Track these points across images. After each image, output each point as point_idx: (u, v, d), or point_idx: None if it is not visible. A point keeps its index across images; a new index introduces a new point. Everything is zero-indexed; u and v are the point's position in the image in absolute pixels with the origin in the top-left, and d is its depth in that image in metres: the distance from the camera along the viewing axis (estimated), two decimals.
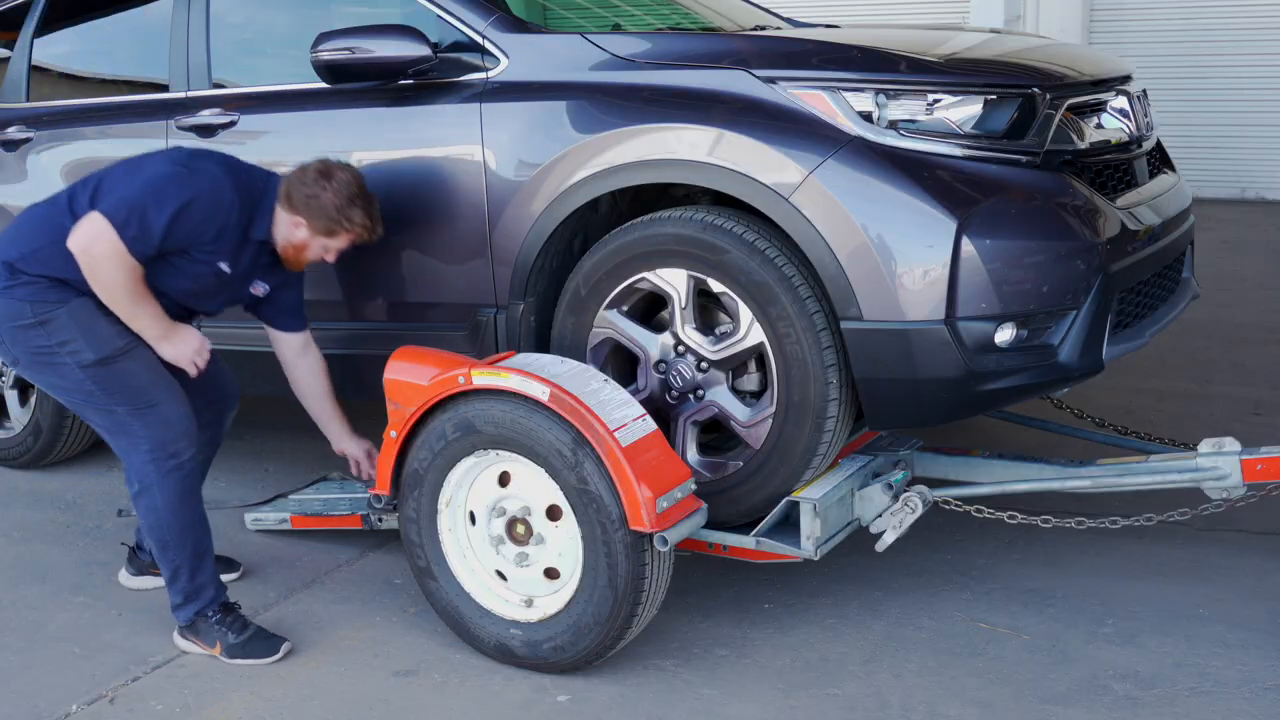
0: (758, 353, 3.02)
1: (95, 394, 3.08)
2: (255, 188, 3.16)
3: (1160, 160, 3.65)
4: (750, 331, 2.99)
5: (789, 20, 4.63)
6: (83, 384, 3.07)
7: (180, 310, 3.23)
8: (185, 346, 3.16)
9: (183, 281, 3.15)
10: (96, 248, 2.97)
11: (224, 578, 3.38)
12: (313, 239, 3.18)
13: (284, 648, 3.16)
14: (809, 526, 2.93)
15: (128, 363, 3.09)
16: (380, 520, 3.63)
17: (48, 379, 3.15)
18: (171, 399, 3.13)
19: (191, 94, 3.96)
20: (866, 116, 2.91)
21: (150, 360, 3.13)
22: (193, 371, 3.20)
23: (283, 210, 3.15)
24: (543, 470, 2.89)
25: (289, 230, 3.17)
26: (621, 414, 2.85)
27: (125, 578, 3.61)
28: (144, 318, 3.09)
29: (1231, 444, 2.98)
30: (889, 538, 3.03)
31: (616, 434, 2.79)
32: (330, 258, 3.24)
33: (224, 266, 3.14)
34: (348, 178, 3.16)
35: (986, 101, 2.94)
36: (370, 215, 3.17)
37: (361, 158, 3.54)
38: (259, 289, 3.31)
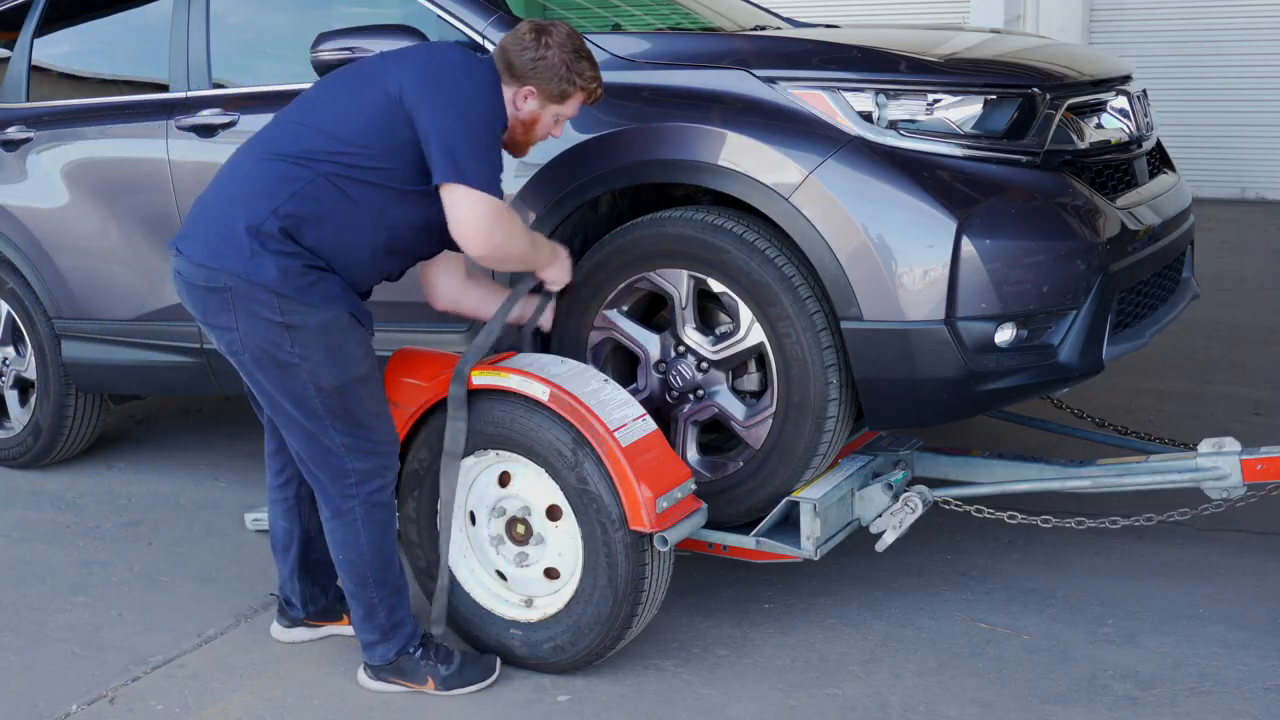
0: (758, 353, 3.02)
1: (317, 413, 2.76)
2: (489, 67, 2.83)
3: (1160, 160, 3.65)
4: (750, 331, 2.99)
5: (789, 20, 4.63)
6: (309, 401, 2.75)
7: (395, 263, 2.92)
8: (566, 266, 3.04)
9: (430, 219, 2.81)
10: (498, 234, 2.73)
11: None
12: (544, 108, 2.85)
13: (497, 664, 2.99)
14: (809, 526, 2.93)
15: (360, 389, 2.79)
16: None
17: (269, 380, 2.77)
18: (386, 427, 2.87)
19: (191, 94, 3.96)
20: (866, 116, 2.91)
21: (378, 384, 2.86)
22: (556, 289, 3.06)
23: (507, 85, 2.82)
24: (543, 470, 2.89)
25: (517, 106, 2.84)
26: (621, 414, 2.85)
27: (278, 630, 3.26)
28: (539, 251, 2.93)
29: (1231, 444, 2.98)
30: (889, 538, 3.03)
31: (616, 434, 2.79)
32: (558, 131, 2.94)
33: None
34: (565, 31, 2.85)
35: (986, 101, 2.94)
36: (596, 68, 2.87)
37: None
38: None
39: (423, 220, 2.81)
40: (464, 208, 2.70)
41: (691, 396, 3.12)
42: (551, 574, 2.98)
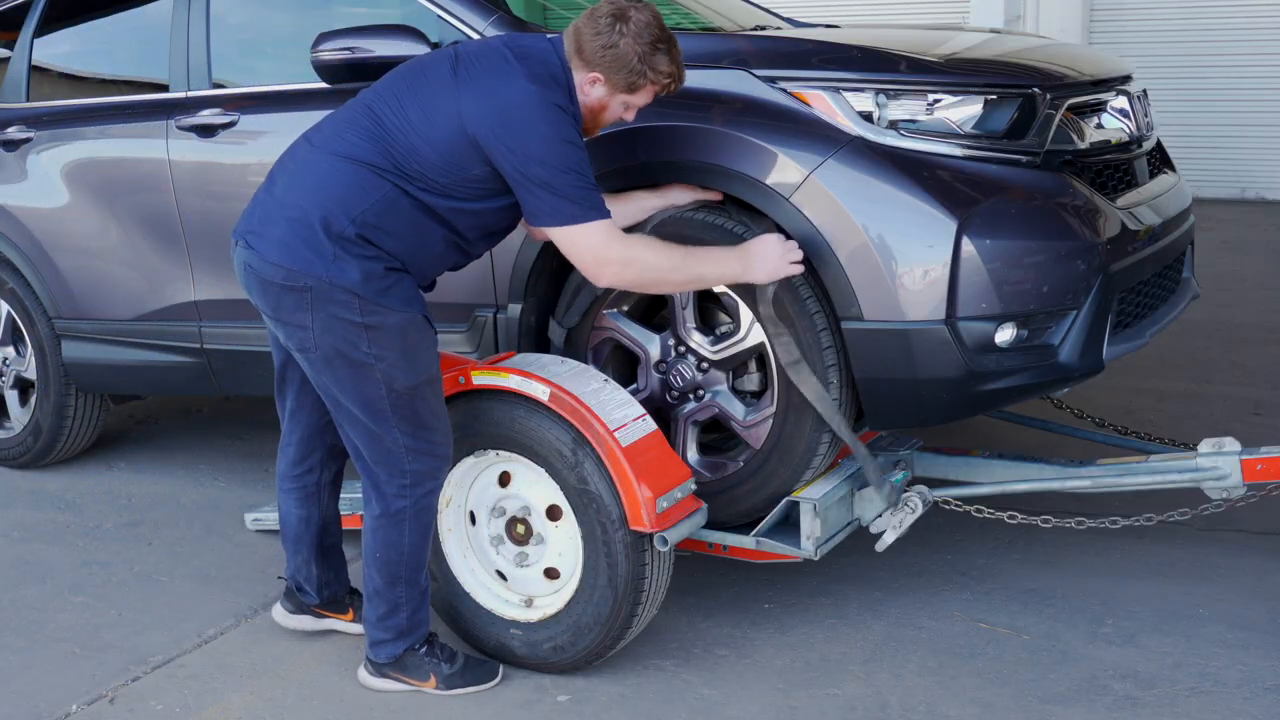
0: (758, 353, 3.02)
1: (384, 414, 2.73)
2: (554, 71, 2.71)
3: (1160, 160, 3.65)
4: (750, 331, 2.99)
5: (789, 20, 4.63)
6: (378, 401, 2.72)
7: (464, 258, 2.89)
8: (770, 256, 2.81)
9: (504, 220, 2.82)
10: (622, 255, 2.68)
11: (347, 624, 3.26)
12: (612, 97, 2.75)
13: (500, 670, 2.99)
14: (809, 526, 2.93)
15: (429, 390, 2.79)
16: None
17: (337, 379, 2.74)
18: (446, 430, 2.84)
19: (191, 94, 3.96)
20: (867, 116, 2.91)
21: (441, 387, 2.85)
22: (798, 269, 2.84)
23: (576, 69, 2.74)
24: (543, 470, 2.89)
25: (584, 91, 2.75)
26: (621, 414, 2.85)
27: (280, 615, 3.26)
28: (708, 264, 2.79)
29: (1231, 444, 2.98)
30: (889, 538, 3.03)
31: (616, 434, 2.79)
32: (629, 116, 2.83)
33: None
34: (646, 18, 2.71)
35: (986, 101, 2.94)
36: (675, 61, 2.75)
37: None
38: None
39: (497, 223, 2.85)
40: (578, 246, 2.68)
41: (692, 397, 3.12)
42: (551, 574, 2.99)
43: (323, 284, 2.65)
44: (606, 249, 2.68)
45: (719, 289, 3.00)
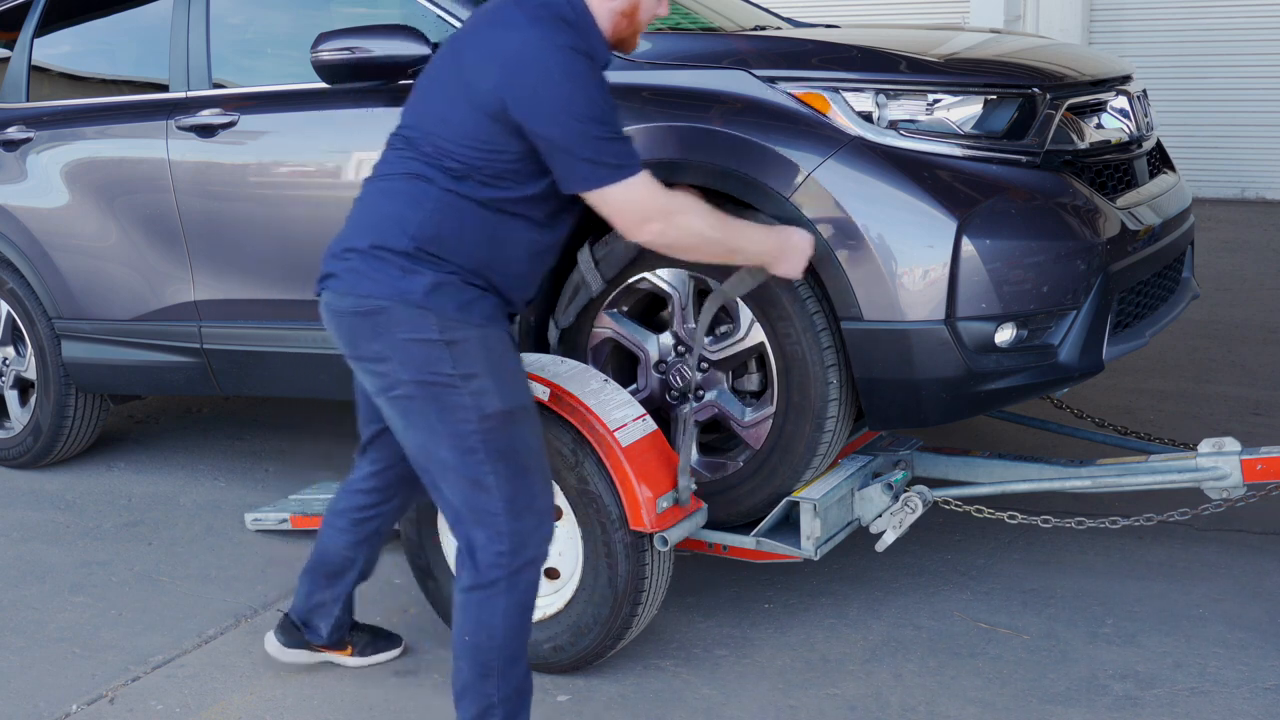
0: (758, 353, 3.02)
1: (476, 452, 2.40)
2: (559, 10, 2.45)
3: (1160, 160, 3.65)
4: (750, 331, 2.99)
5: (789, 20, 4.63)
6: (469, 436, 2.39)
7: (550, 247, 2.61)
8: (801, 251, 2.67)
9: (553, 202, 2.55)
10: (662, 207, 2.45)
11: (385, 656, 3.11)
12: None
13: None
14: (809, 526, 2.93)
15: (526, 420, 2.47)
16: None
17: (424, 417, 2.42)
18: (546, 480, 2.50)
19: (191, 94, 3.97)
20: (866, 116, 2.91)
21: (538, 425, 2.53)
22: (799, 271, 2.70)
23: None
24: None
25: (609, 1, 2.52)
26: (621, 414, 2.85)
27: (275, 647, 3.04)
28: (745, 240, 2.60)
29: (1231, 444, 2.98)
30: (889, 538, 3.03)
31: (616, 434, 2.79)
32: (663, 10, 2.64)
33: None
34: None
35: (986, 101, 2.94)
36: None
37: (362, 158, 3.55)
38: None
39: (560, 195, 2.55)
40: (614, 207, 2.44)
41: (691, 396, 3.12)
42: (551, 574, 2.98)
43: (396, 304, 2.40)
44: (648, 203, 2.45)
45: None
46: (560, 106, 2.36)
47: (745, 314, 2.98)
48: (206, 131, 3.85)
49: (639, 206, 2.45)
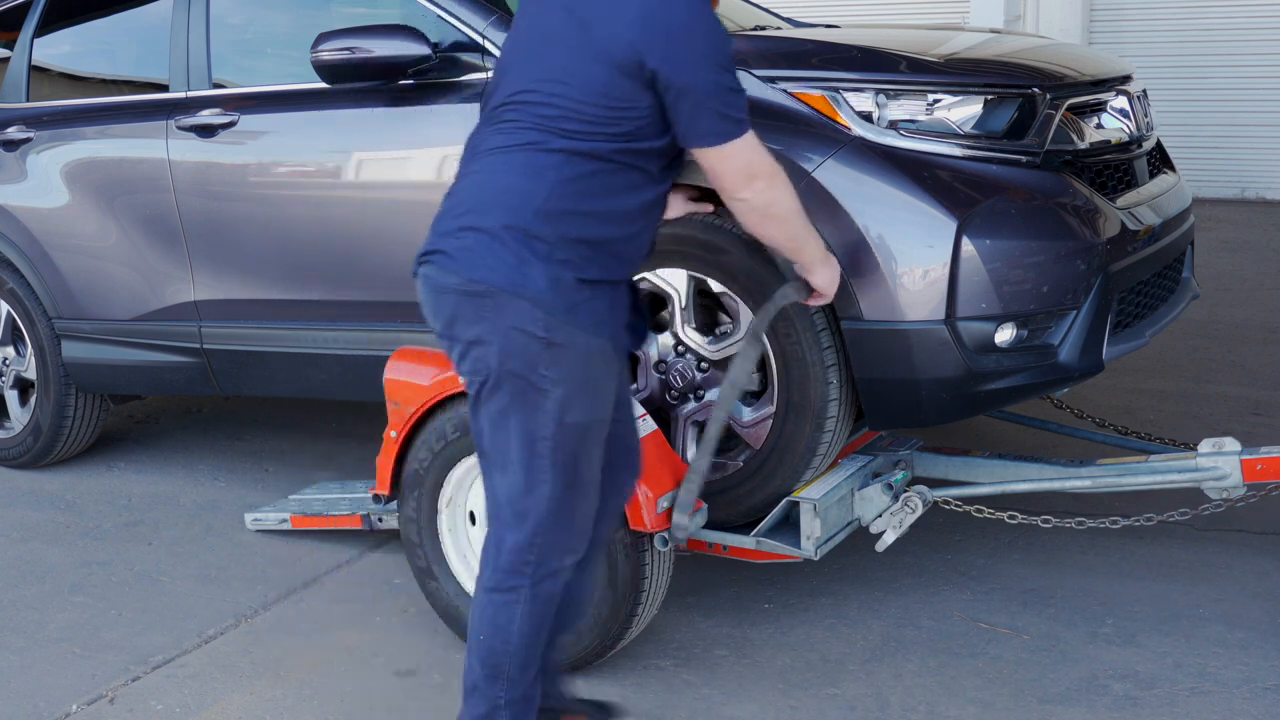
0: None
1: (542, 457, 2.34)
2: None
3: (1160, 160, 3.65)
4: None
5: (789, 20, 4.63)
6: (540, 441, 2.33)
7: (657, 204, 2.48)
8: (837, 272, 2.64)
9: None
10: (773, 174, 2.37)
11: None
12: None
13: None
14: (809, 526, 2.93)
15: (596, 435, 2.40)
16: (380, 520, 3.63)
17: (503, 405, 2.34)
18: (593, 499, 2.45)
19: (191, 94, 3.97)
20: (866, 116, 2.91)
21: (603, 442, 2.45)
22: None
23: None
24: None
25: None
26: None
27: None
28: (809, 229, 2.52)
29: (1231, 444, 2.98)
30: (889, 538, 3.03)
31: None
32: None
33: None
34: None
35: (986, 101, 2.94)
36: None
37: (362, 158, 3.55)
38: None
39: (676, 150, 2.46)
40: (732, 163, 2.36)
41: (691, 396, 3.12)
42: None
43: (505, 293, 2.29)
44: (758, 162, 2.37)
45: (718, 288, 3.00)
46: (701, 55, 2.29)
47: (745, 314, 2.98)
48: (206, 131, 3.85)
49: (750, 164, 2.37)
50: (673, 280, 3.07)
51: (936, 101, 2.93)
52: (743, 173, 2.37)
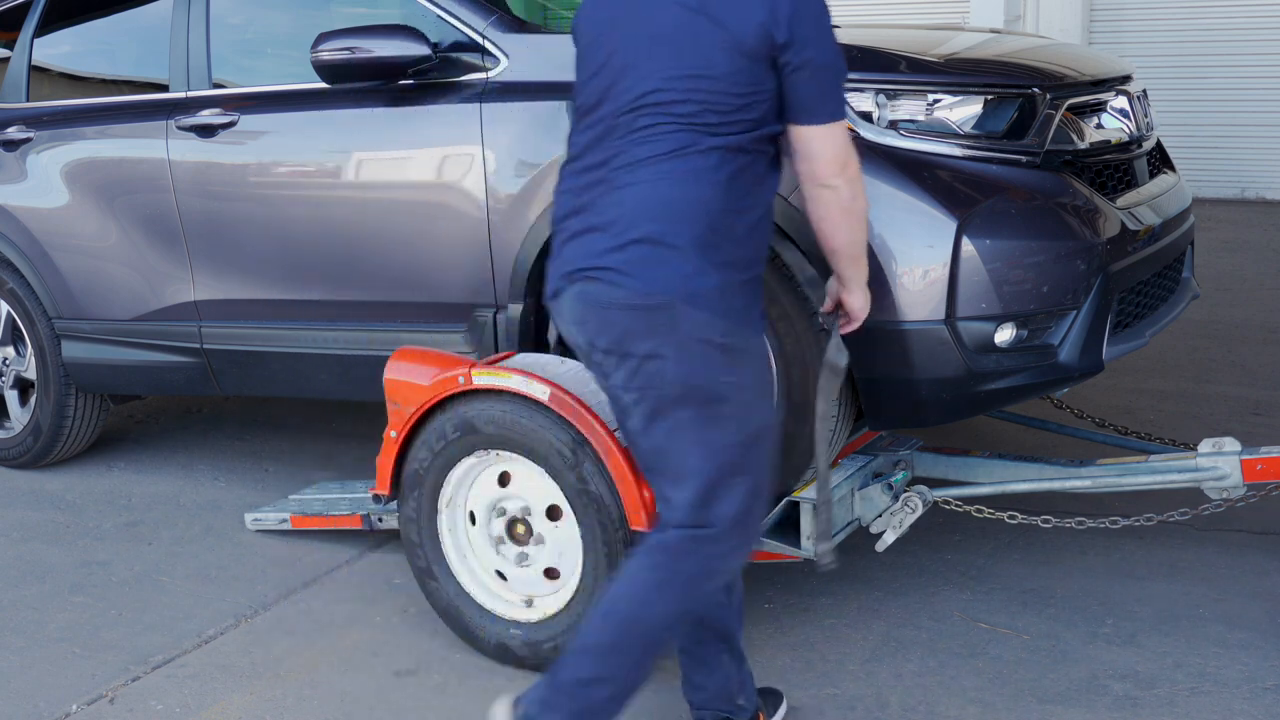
0: None
1: (723, 467, 2.28)
2: None
3: (1160, 160, 3.65)
4: None
5: None
6: (725, 450, 2.28)
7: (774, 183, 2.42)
8: (869, 295, 2.56)
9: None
10: (857, 163, 2.33)
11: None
12: None
13: None
14: (809, 526, 2.93)
15: (771, 438, 2.38)
16: (380, 520, 3.63)
17: (680, 418, 2.28)
18: (765, 499, 2.41)
19: (191, 94, 3.97)
20: (866, 116, 2.91)
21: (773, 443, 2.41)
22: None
23: None
24: (543, 470, 2.89)
25: None
26: None
27: None
28: (864, 243, 2.46)
29: (1231, 444, 2.98)
30: (889, 538, 3.03)
31: (617, 434, 2.79)
32: None
33: None
34: None
35: (986, 101, 2.95)
36: None
37: (361, 158, 3.55)
38: None
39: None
40: (830, 145, 2.31)
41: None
42: (551, 574, 2.99)
43: (682, 302, 2.24)
44: (849, 146, 2.33)
45: None
46: (825, 30, 2.30)
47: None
48: (206, 131, 3.85)
49: (848, 148, 2.33)
50: None
51: (936, 101, 2.93)
52: (840, 157, 2.32)
